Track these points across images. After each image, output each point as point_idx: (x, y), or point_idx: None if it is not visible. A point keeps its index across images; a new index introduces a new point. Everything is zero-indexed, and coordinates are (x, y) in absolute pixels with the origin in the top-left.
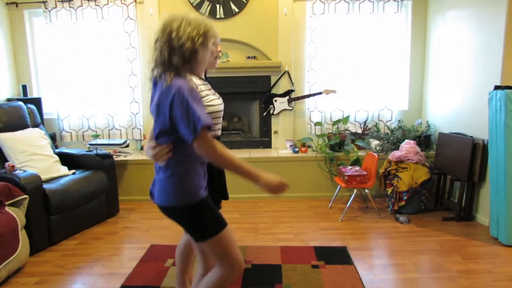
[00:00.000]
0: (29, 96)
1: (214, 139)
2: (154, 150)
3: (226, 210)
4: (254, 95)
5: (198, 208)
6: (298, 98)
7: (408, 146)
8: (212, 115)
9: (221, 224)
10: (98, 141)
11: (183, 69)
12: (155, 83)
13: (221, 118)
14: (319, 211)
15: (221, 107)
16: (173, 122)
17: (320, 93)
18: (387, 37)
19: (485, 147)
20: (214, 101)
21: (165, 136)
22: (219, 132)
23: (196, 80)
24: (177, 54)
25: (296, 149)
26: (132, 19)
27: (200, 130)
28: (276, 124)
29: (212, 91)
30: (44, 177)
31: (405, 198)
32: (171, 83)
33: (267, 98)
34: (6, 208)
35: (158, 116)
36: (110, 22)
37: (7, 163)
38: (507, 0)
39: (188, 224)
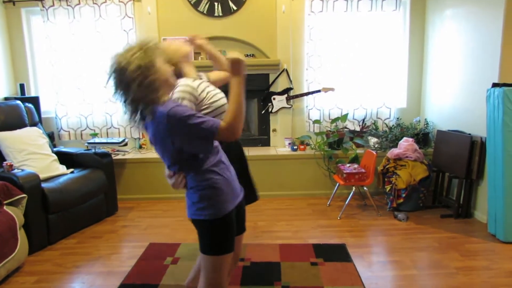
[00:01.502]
0: (26, 95)
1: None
2: (171, 180)
3: None
4: (253, 93)
5: (217, 224)
6: (296, 96)
7: (406, 144)
8: (217, 110)
9: (228, 248)
10: (96, 140)
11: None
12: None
13: (224, 113)
14: (317, 209)
15: (224, 100)
16: (183, 150)
17: (319, 91)
18: (385, 35)
19: (483, 144)
20: (216, 95)
21: (175, 165)
22: None
23: (192, 83)
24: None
25: (295, 147)
26: (130, 17)
27: (217, 132)
28: (275, 122)
29: (212, 86)
30: (42, 176)
31: (404, 195)
32: (153, 116)
33: (266, 96)
34: (5, 207)
35: (159, 148)
36: (108, 20)
37: (5, 162)
38: None
39: (201, 234)
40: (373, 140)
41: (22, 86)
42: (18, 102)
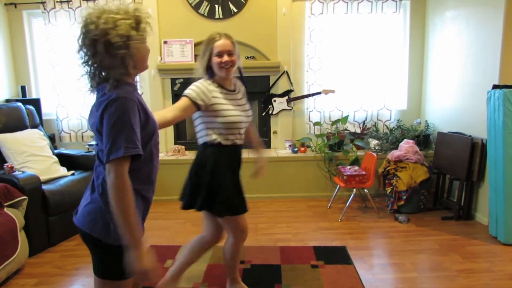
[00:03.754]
0: (28, 97)
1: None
2: None
3: None
4: (253, 95)
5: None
6: (297, 98)
7: (407, 146)
8: (225, 124)
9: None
10: None
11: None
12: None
13: (240, 129)
14: (318, 211)
15: (238, 118)
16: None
17: (319, 93)
18: (385, 36)
19: (483, 146)
20: (227, 111)
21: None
22: (238, 142)
23: (209, 85)
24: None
25: (295, 149)
26: None
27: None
28: (275, 124)
29: (235, 101)
30: (43, 178)
31: (404, 197)
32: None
33: (266, 98)
34: (5, 209)
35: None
36: None
37: (6, 164)
38: (505, 0)
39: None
40: (373, 142)
41: (23, 88)
42: (19, 104)
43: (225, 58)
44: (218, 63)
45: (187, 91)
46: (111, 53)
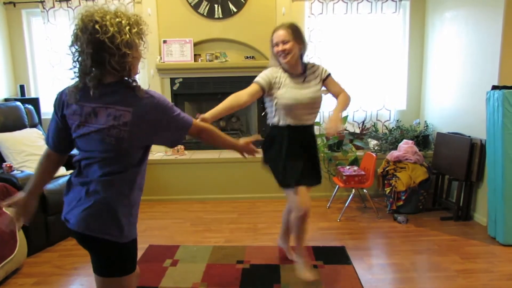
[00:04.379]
0: (26, 96)
1: None
2: None
3: (225, 210)
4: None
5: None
6: None
7: (406, 146)
8: (278, 104)
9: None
10: None
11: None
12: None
13: (296, 111)
14: (317, 211)
15: (289, 101)
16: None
17: None
18: (385, 37)
19: (483, 146)
20: (284, 95)
21: None
22: (298, 123)
23: (276, 71)
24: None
25: None
26: None
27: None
28: None
29: (300, 85)
30: None
31: (403, 197)
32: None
33: None
34: (4, 209)
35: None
36: None
37: (4, 164)
38: (504, 1)
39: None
40: (373, 142)
41: (22, 87)
42: (18, 103)
43: (280, 47)
44: (275, 52)
45: (256, 78)
46: (114, 54)
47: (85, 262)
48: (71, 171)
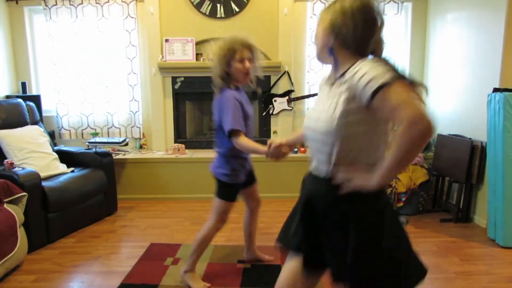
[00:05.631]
0: (28, 93)
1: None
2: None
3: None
4: (254, 95)
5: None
6: (297, 98)
7: None
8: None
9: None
10: (97, 139)
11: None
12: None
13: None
14: None
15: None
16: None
17: None
18: (387, 38)
19: (483, 149)
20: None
21: None
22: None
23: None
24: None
25: (296, 149)
26: (132, 17)
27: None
28: (276, 124)
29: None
30: (42, 174)
31: (403, 199)
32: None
33: (267, 98)
34: (5, 206)
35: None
36: (110, 20)
37: (6, 160)
38: (506, 3)
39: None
40: None
41: (23, 85)
42: (20, 100)
43: None
44: None
45: None
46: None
47: (85, 259)
48: (71, 169)
